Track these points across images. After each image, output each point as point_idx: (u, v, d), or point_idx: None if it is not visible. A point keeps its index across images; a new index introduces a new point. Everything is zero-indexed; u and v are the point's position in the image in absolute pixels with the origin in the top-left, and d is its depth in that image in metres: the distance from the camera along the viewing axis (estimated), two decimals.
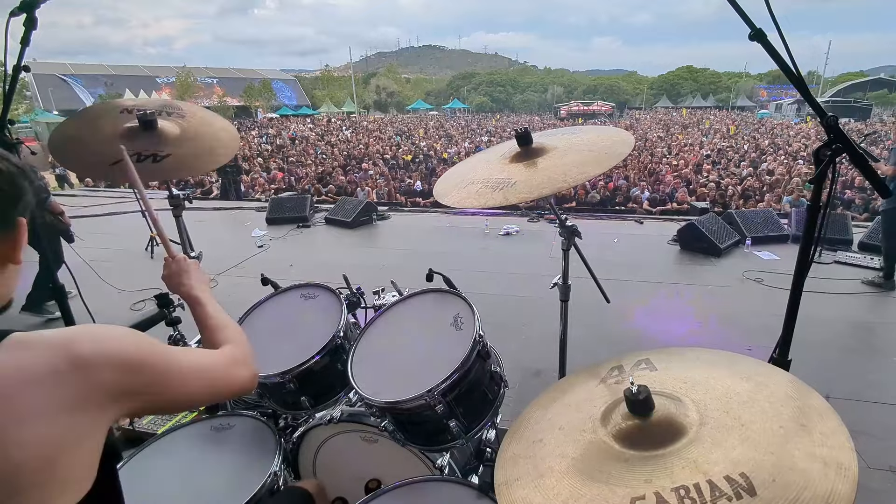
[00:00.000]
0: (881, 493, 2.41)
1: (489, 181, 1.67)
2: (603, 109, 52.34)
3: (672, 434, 0.91)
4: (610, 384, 1.14)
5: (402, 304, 1.94)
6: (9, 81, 1.71)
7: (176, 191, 2.23)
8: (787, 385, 0.99)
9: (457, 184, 1.78)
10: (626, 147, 1.68)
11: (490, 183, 1.66)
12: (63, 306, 2.01)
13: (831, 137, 1.20)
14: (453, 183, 1.81)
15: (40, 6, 1.63)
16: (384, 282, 2.32)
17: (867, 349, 3.88)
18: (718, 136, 24.81)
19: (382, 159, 16.61)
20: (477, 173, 1.77)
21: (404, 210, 9.42)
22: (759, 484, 0.77)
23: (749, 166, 14.72)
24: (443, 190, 1.80)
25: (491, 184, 1.65)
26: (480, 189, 1.65)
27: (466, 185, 1.72)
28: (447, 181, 1.88)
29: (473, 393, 1.65)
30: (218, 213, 8.91)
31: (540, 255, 5.95)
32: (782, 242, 6.22)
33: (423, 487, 1.53)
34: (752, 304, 4.61)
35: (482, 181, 1.69)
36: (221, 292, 4.97)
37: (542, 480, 0.93)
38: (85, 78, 41.70)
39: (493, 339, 1.79)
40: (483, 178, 1.71)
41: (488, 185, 1.65)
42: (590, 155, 1.65)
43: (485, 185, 1.66)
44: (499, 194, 1.58)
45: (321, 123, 37.25)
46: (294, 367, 1.73)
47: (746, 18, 1.15)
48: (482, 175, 1.74)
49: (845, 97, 44.37)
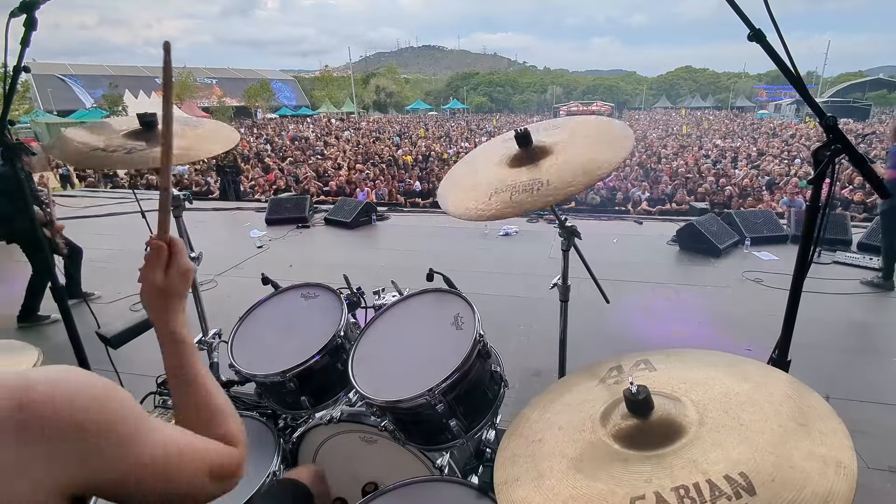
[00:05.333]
0: (881, 493, 2.42)
1: (516, 185, 1.53)
2: (602, 110, 52.25)
3: (671, 434, 0.91)
4: (609, 384, 1.14)
5: (403, 303, 1.94)
6: (9, 82, 1.71)
7: (176, 191, 2.23)
8: (786, 385, 0.99)
9: (477, 197, 1.59)
10: (618, 129, 1.63)
11: (520, 187, 1.52)
12: (63, 307, 2.01)
13: (830, 138, 1.20)
14: (472, 197, 1.61)
15: (40, 7, 1.63)
16: (384, 282, 2.32)
17: (866, 349, 3.88)
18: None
19: (382, 160, 16.61)
20: (491, 180, 1.63)
21: (404, 210, 9.42)
22: (758, 483, 0.77)
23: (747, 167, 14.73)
24: (460, 206, 1.61)
25: (522, 187, 1.51)
26: (515, 196, 1.50)
27: (492, 196, 1.55)
28: (460, 195, 1.68)
29: (474, 392, 1.65)
30: (217, 214, 8.92)
31: (539, 256, 5.96)
32: (781, 243, 6.23)
33: (423, 488, 1.53)
34: (751, 304, 4.61)
35: (510, 187, 1.54)
36: (221, 292, 4.98)
37: (542, 480, 0.93)
38: (84, 78, 41.67)
39: (493, 339, 1.79)
40: (507, 184, 1.56)
41: (518, 189, 1.51)
42: (593, 142, 1.60)
43: (515, 191, 1.51)
44: (537, 196, 1.44)
45: (321, 124, 37.24)
46: (294, 367, 1.74)
47: (745, 19, 1.15)
48: (501, 182, 1.58)
49: (844, 97, 44.45)
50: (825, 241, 5.77)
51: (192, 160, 2.13)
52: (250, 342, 1.96)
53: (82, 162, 1.85)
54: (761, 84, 67.69)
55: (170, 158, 0.88)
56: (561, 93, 76.33)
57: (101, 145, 1.90)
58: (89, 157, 1.91)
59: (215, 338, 2.29)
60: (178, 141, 2.00)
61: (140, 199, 2.19)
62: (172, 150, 0.87)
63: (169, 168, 0.89)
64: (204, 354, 2.28)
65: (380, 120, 46.09)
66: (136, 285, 0.87)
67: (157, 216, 0.88)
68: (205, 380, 0.83)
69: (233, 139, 2.15)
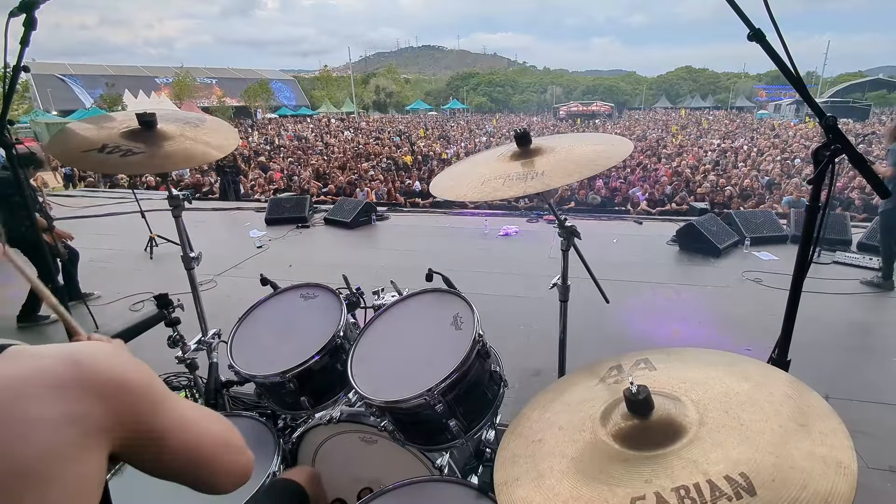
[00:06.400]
0: (881, 493, 2.42)
1: (508, 175, 1.60)
2: (602, 110, 52.20)
3: (672, 434, 0.91)
4: (609, 384, 1.14)
5: (402, 304, 1.94)
6: (8, 82, 1.71)
7: (175, 191, 2.23)
8: (786, 385, 0.99)
9: (471, 183, 1.67)
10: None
11: (513, 176, 1.58)
12: (63, 307, 2.01)
13: (830, 138, 1.20)
14: (465, 183, 1.71)
15: (40, 7, 1.63)
16: (384, 282, 2.32)
17: (866, 349, 3.88)
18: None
19: (381, 160, 16.62)
20: (485, 172, 1.70)
21: (404, 210, 9.42)
22: (758, 483, 0.77)
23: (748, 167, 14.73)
24: (454, 188, 1.71)
25: (515, 176, 1.58)
26: (506, 182, 1.57)
27: (484, 182, 1.63)
28: (458, 182, 1.78)
29: (473, 392, 1.65)
30: (217, 214, 8.91)
31: (539, 256, 5.95)
32: (781, 243, 6.23)
33: (423, 488, 1.53)
34: (751, 304, 4.61)
35: (500, 177, 1.61)
36: (221, 292, 4.98)
37: (542, 480, 0.93)
38: (84, 78, 41.62)
39: (493, 339, 1.79)
40: (497, 175, 1.63)
41: (511, 178, 1.58)
42: (591, 144, 1.64)
43: (506, 178, 1.59)
44: (535, 181, 1.51)
45: (321, 124, 37.24)
46: (294, 367, 1.74)
47: (745, 19, 1.15)
48: (493, 173, 1.66)
49: (844, 97, 44.42)
50: (825, 241, 5.77)
51: (193, 165, 2.12)
52: (249, 342, 1.95)
53: (78, 162, 1.83)
54: (761, 84, 67.69)
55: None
56: (561, 93, 76.33)
57: (97, 146, 1.89)
58: (85, 159, 1.90)
59: (215, 338, 2.29)
60: (178, 144, 2.00)
61: (140, 199, 2.19)
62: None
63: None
64: (203, 354, 2.27)
65: (380, 120, 46.08)
66: (136, 285, 0.88)
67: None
68: (198, 427, 0.80)
69: (231, 142, 2.13)
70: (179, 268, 2.35)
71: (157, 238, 6.13)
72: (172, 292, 2.21)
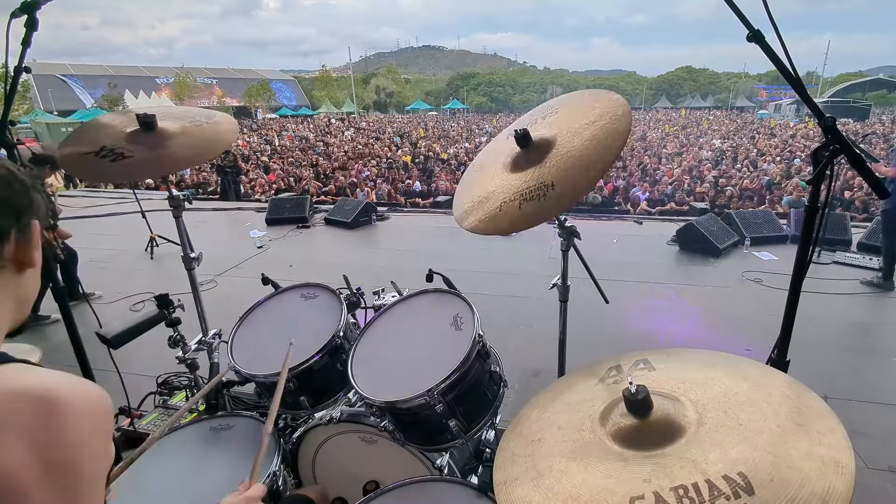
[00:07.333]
0: (880, 493, 2.42)
1: (523, 193, 1.43)
2: None
3: (670, 434, 0.91)
4: (608, 384, 1.14)
5: (402, 304, 1.94)
6: (10, 82, 1.71)
7: (176, 191, 2.23)
8: (784, 385, 0.99)
9: (487, 209, 1.50)
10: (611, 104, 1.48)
11: (527, 194, 1.42)
12: (63, 307, 2.01)
13: (829, 138, 1.20)
14: (483, 209, 1.52)
15: (41, 7, 1.64)
16: (384, 282, 2.32)
17: (866, 349, 3.88)
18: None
19: (380, 160, 16.61)
20: (498, 187, 1.54)
21: (404, 210, 9.42)
22: (757, 483, 0.77)
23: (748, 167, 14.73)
24: (473, 220, 1.51)
25: (529, 194, 1.42)
26: (524, 206, 1.41)
27: (502, 206, 1.47)
28: (470, 208, 1.58)
29: (473, 393, 1.65)
30: (218, 214, 8.92)
31: (539, 256, 5.96)
32: (781, 243, 6.24)
33: (423, 488, 1.53)
34: (750, 304, 4.61)
35: (518, 195, 1.44)
36: (221, 292, 4.99)
37: (542, 480, 0.93)
38: (84, 78, 41.68)
39: (493, 339, 1.80)
40: (514, 191, 1.47)
41: (526, 197, 1.42)
42: (592, 127, 1.46)
43: (522, 200, 1.42)
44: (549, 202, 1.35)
45: (321, 124, 37.23)
46: (294, 367, 1.74)
47: (744, 20, 1.15)
48: (508, 189, 1.49)
49: (844, 97, 44.44)
50: (825, 241, 5.78)
51: (201, 161, 2.10)
52: (250, 342, 1.96)
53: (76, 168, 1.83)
54: (761, 84, 67.70)
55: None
56: (561, 93, 75.82)
57: (96, 148, 1.88)
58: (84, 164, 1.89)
59: (215, 338, 2.30)
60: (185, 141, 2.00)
61: (140, 199, 2.19)
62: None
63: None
64: (204, 355, 2.28)
65: (380, 120, 46.08)
66: (137, 285, 0.87)
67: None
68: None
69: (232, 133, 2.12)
70: (180, 268, 2.36)
71: (157, 238, 6.14)
72: (173, 292, 2.22)
